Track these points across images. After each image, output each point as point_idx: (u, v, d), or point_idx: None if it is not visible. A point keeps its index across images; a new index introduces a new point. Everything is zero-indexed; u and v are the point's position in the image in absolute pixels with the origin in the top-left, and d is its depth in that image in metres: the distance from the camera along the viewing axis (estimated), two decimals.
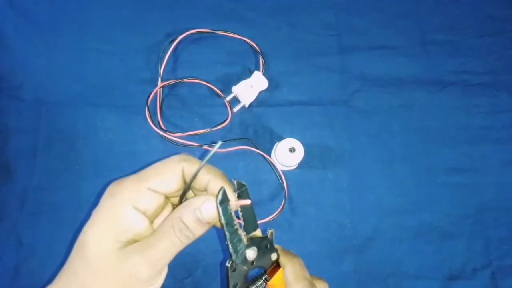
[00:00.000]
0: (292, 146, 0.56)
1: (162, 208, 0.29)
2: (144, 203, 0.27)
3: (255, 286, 0.30)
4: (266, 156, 0.60)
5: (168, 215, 0.28)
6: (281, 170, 0.59)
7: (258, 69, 0.63)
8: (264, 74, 0.62)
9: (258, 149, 0.59)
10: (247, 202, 0.29)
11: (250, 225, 0.30)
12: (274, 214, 0.58)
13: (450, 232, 0.59)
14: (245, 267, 0.29)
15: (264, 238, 0.30)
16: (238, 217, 0.28)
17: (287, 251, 0.33)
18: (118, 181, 0.27)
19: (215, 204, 0.27)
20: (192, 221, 0.26)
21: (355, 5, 0.67)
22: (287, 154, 0.56)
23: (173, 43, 0.62)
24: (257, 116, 0.62)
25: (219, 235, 0.58)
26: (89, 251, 0.26)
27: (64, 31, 0.64)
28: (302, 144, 0.57)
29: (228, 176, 0.29)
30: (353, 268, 0.58)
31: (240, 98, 0.61)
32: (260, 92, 0.61)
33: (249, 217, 0.30)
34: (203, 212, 0.26)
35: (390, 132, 0.63)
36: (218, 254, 0.58)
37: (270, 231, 0.31)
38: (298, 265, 0.31)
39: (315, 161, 0.61)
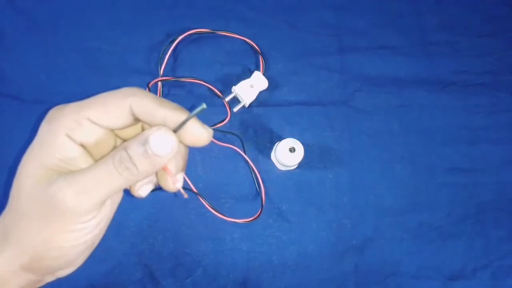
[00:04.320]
0: (292, 146, 0.56)
1: (107, 143, 0.26)
2: (80, 134, 0.24)
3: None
4: (246, 157, 0.60)
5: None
6: (258, 170, 0.59)
7: (258, 69, 0.63)
8: (264, 74, 0.62)
9: (244, 149, 0.59)
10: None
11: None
12: (252, 217, 0.58)
13: (450, 232, 0.59)
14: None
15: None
16: None
17: None
18: (59, 106, 0.25)
19: (166, 134, 0.23)
20: (137, 151, 0.23)
21: (355, 5, 0.67)
22: (287, 154, 0.56)
23: (173, 43, 0.62)
24: (257, 116, 0.62)
25: (219, 236, 0.58)
26: (18, 177, 0.25)
27: (64, 31, 0.64)
28: (302, 144, 0.57)
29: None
30: (353, 268, 0.58)
31: (240, 98, 0.61)
32: (260, 92, 0.61)
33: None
34: (151, 141, 0.23)
35: (390, 132, 0.63)
36: (218, 255, 0.58)
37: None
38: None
39: (315, 161, 0.61)
